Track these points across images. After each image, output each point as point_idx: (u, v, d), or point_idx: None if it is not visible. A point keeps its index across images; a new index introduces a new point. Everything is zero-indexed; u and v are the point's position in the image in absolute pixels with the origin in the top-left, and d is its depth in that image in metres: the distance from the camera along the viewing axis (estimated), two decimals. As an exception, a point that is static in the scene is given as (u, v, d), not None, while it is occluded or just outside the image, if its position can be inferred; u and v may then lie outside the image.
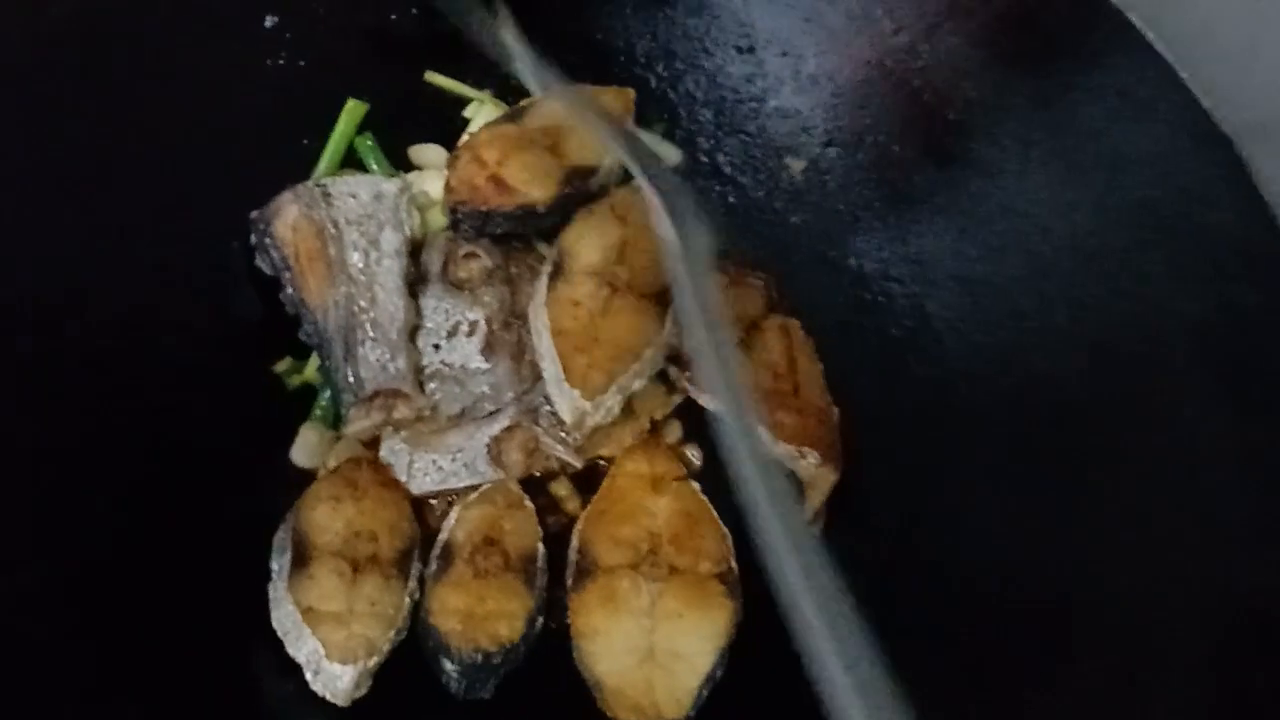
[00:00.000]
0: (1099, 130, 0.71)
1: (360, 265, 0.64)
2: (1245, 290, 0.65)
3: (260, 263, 0.65)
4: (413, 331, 0.65)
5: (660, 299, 0.64)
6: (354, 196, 0.66)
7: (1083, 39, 0.73)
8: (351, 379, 0.62)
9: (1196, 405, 0.64)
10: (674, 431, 0.68)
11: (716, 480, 0.64)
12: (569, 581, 0.60)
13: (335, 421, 0.65)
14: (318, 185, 0.67)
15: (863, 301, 0.74)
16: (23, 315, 0.60)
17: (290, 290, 0.64)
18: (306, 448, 0.64)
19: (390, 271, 0.65)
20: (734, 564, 0.61)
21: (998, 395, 0.69)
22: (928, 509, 0.66)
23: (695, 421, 0.67)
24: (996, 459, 0.67)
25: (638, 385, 0.63)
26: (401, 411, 0.63)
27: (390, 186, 0.67)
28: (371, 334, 0.63)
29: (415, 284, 0.67)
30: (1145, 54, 0.70)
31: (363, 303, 0.63)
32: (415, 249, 0.67)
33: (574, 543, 0.61)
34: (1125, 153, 0.70)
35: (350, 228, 0.65)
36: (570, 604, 0.59)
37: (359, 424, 0.62)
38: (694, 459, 0.67)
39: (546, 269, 0.65)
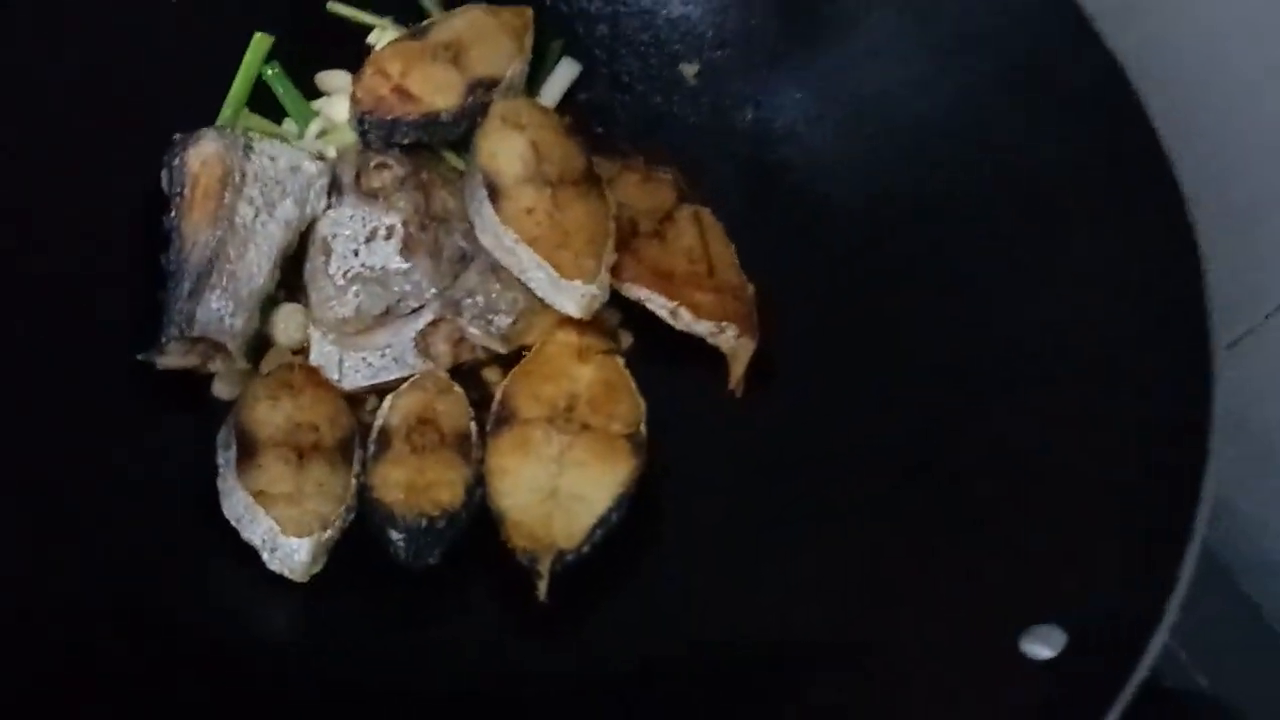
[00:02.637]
0: (962, 12, 0.76)
1: (246, 219, 0.66)
2: (1103, 141, 0.71)
3: (163, 180, 0.68)
4: (290, 269, 0.68)
5: (590, 177, 0.69)
6: (273, 159, 0.69)
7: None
8: (185, 316, 0.64)
9: (1072, 247, 0.70)
10: (612, 317, 0.72)
11: (641, 359, 0.70)
12: (488, 428, 0.64)
13: (254, 356, 0.67)
14: (245, 135, 0.69)
15: (763, 190, 0.78)
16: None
17: (173, 214, 0.67)
18: (226, 380, 0.67)
19: (271, 238, 0.67)
20: (643, 429, 0.66)
21: (895, 262, 0.74)
22: (838, 367, 0.71)
23: (629, 310, 0.71)
24: (897, 317, 0.72)
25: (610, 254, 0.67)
26: (217, 365, 0.65)
27: (312, 167, 0.69)
28: (224, 284, 0.65)
29: (329, 195, 0.70)
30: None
31: (231, 252, 0.65)
32: (305, 233, 0.69)
33: (497, 395, 0.66)
34: (986, 29, 0.75)
35: (254, 184, 0.67)
36: (486, 447, 0.64)
37: (172, 360, 0.64)
38: (625, 339, 0.72)
39: (480, 195, 0.67)
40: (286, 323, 0.68)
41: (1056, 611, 0.55)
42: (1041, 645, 0.55)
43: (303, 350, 0.68)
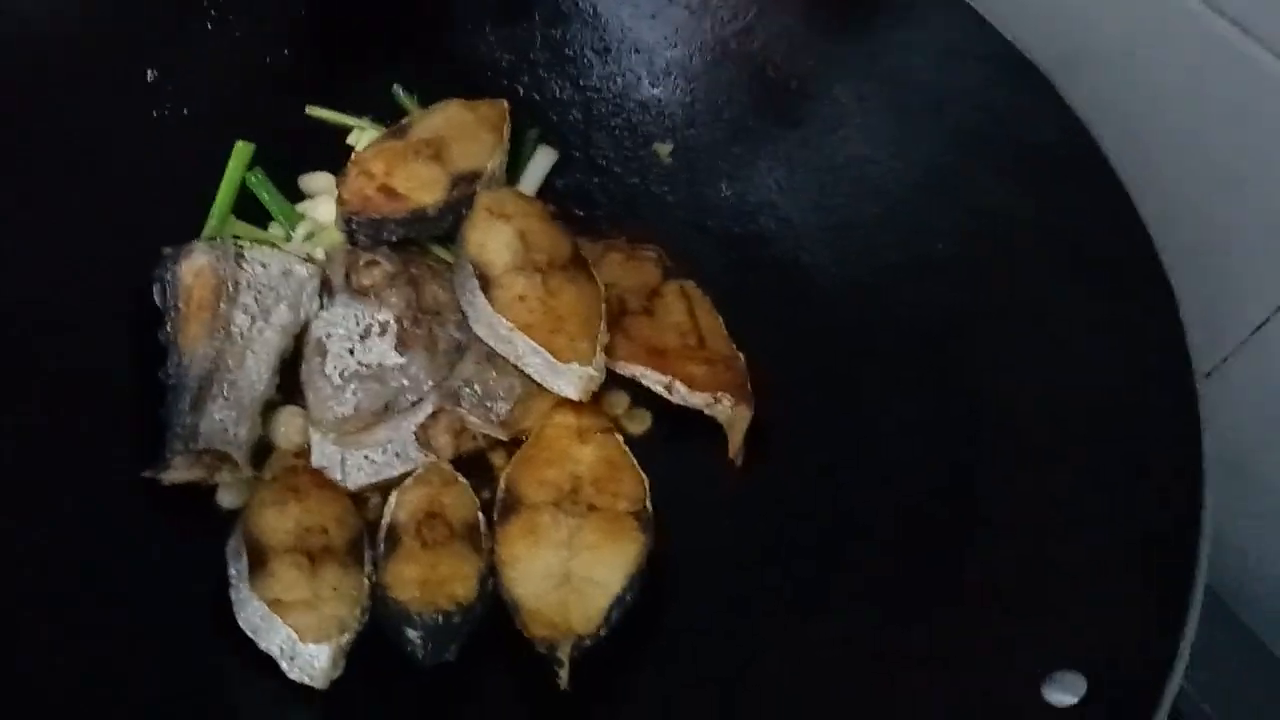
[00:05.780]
0: (924, 78, 0.79)
1: (243, 328, 0.67)
2: (1071, 190, 0.73)
3: (155, 294, 0.68)
4: (289, 375, 0.68)
5: (577, 261, 0.70)
6: (264, 266, 0.70)
7: (900, 1, 0.81)
8: (188, 430, 0.63)
9: (1051, 295, 0.72)
10: (621, 401, 0.73)
11: (641, 438, 0.71)
12: (494, 517, 0.64)
13: (257, 462, 0.67)
14: (236, 245, 0.70)
15: (744, 261, 0.80)
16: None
17: (169, 328, 0.67)
18: (230, 491, 0.66)
19: (269, 344, 0.67)
20: (649, 505, 0.66)
21: (878, 320, 0.76)
22: (834, 431, 0.72)
23: (639, 391, 0.72)
24: (887, 377, 0.74)
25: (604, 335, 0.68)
26: (223, 476, 0.65)
27: (303, 270, 0.70)
28: (226, 394, 0.65)
29: (321, 296, 0.70)
30: (957, 7, 0.78)
31: (230, 362, 0.66)
32: (299, 335, 0.70)
33: (501, 483, 0.66)
34: (949, 93, 0.78)
35: (248, 291, 0.68)
36: (495, 536, 0.64)
37: (178, 474, 0.64)
38: (643, 422, 0.72)
39: (472, 285, 0.68)
40: (287, 426, 0.68)
41: (1076, 658, 0.56)
42: (1064, 692, 0.56)
43: (304, 453, 0.68)
